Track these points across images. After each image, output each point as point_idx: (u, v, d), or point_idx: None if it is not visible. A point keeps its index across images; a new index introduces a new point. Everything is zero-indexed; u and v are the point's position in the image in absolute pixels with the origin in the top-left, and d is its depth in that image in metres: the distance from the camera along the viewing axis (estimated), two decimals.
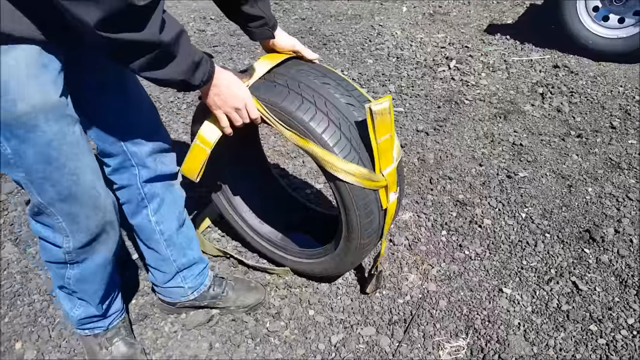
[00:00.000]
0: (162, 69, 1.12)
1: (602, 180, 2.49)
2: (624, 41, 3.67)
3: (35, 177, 1.16)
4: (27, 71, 1.06)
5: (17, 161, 1.13)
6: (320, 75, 1.52)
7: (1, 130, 1.08)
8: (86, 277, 1.42)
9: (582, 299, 1.85)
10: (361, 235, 1.55)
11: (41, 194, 1.20)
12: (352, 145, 1.44)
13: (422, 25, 4.48)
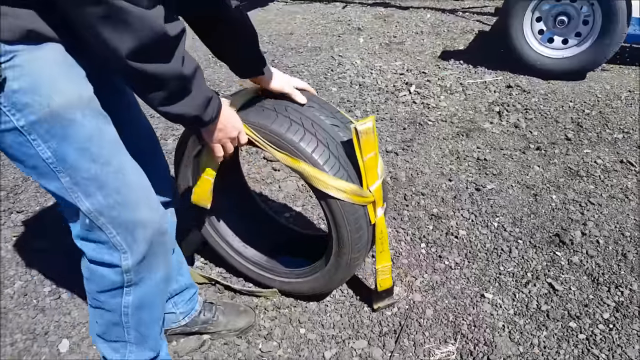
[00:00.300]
0: (178, 103, 1.12)
1: (564, 187, 2.63)
2: (569, 60, 3.92)
3: (81, 179, 1.09)
4: (58, 67, 1.04)
5: (58, 165, 1.06)
6: (307, 99, 1.59)
7: (38, 132, 1.03)
8: (145, 302, 1.32)
9: (559, 298, 1.94)
10: (352, 250, 1.59)
11: (89, 198, 1.11)
12: (341, 163, 1.50)
13: (379, 54, 4.65)
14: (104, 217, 1.14)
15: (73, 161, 1.07)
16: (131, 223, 1.17)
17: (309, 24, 5.70)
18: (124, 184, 1.15)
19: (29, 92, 0.99)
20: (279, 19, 5.92)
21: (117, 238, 1.17)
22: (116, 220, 1.15)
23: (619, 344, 1.73)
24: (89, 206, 1.12)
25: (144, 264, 1.23)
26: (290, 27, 5.62)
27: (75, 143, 1.06)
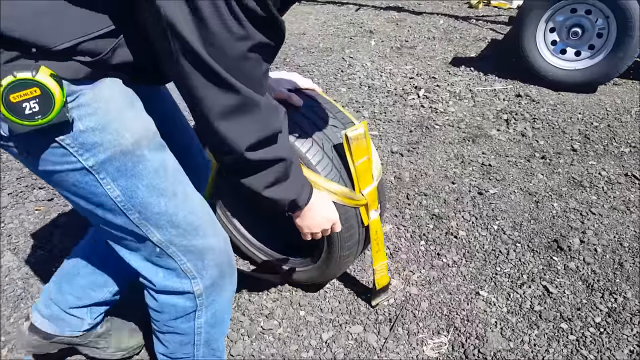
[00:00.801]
0: (281, 186, 1.13)
1: (567, 196, 2.66)
2: (581, 72, 3.94)
3: (151, 214, 1.07)
4: (124, 103, 1.01)
5: (127, 202, 1.04)
6: (308, 99, 1.61)
7: (108, 170, 1.00)
8: (217, 319, 1.30)
9: (552, 300, 1.97)
10: (341, 248, 1.63)
11: (160, 230, 1.09)
12: (334, 165, 1.52)
13: (390, 57, 4.70)
14: (175, 245, 1.12)
15: (143, 198, 1.05)
16: (201, 249, 1.15)
17: (322, 25, 5.76)
18: (191, 212, 1.13)
19: (98, 131, 0.97)
20: (291, 19, 5.98)
21: (187, 265, 1.16)
22: (186, 247, 1.13)
23: (609, 347, 1.77)
24: (159, 237, 1.10)
25: (214, 286, 1.22)
26: (303, 27, 5.68)
27: (144, 179, 1.04)
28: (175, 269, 1.15)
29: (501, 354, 1.73)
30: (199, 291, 1.19)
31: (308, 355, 1.71)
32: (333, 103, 1.68)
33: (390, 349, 1.74)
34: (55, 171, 1.01)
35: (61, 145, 0.96)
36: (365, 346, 1.75)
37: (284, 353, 1.72)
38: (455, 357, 1.72)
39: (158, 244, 1.11)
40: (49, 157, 0.98)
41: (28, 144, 0.98)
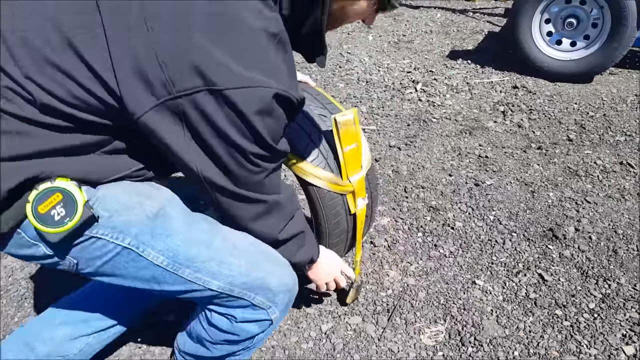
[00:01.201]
0: (301, 251, 1.35)
1: (562, 186, 2.70)
2: (577, 63, 3.97)
3: (200, 264, 1.11)
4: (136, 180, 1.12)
5: (173, 263, 1.09)
6: (300, 90, 1.65)
7: (144, 240, 1.06)
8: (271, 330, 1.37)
9: (547, 288, 2.02)
10: (329, 235, 1.66)
11: (216, 277, 1.13)
12: (321, 152, 1.54)
13: (387, 52, 4.74)
14: (237, 287, 1.16)
15: (185, 252, 1.09)
16: (263, 280, 1.18)
17: None
18: (235, 249, 1.16)
19: (123, 210, 1.04)
20: None
21: (258, 298, 1.19)
22: (249, 284, 1.17)
23: (602, 332, 1.81)
24: (219, 284, 1.14)
25: (287, 305, 1.29)
26: None
27: (179, 235, 1.09)
28: (248, 305, 1.19)
29: (497, 341, 1.77)
30: (276, 317, 1.25)
31: (308, 347, 1.76)
32: (324, 94, 1.71)
33: (388, 338, 1.79)
34: (104, 263, 1.07)
35: (97, 237, 1.03)
36: (364, 336, 1.80)
37: (285, 345, 1.77)
38: (452, 344, 1.77)
39: (220, 290, 1.15)
40: (93, 253, 1.05)
41: (69, 251, 1.04)
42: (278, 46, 0.96)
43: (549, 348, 1.76)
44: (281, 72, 0.96)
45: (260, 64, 0.92)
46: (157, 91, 0.88)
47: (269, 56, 0.94)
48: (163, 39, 0.86)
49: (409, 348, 1.75)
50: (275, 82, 0.93)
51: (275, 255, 1.26)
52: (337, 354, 1.73)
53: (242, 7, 0.91)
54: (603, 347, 1.76)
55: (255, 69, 0.91)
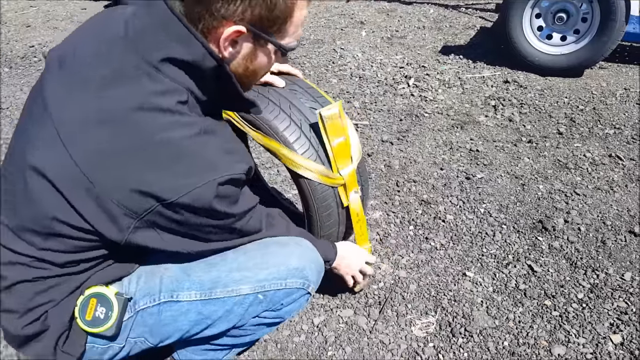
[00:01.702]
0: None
1: (552, 178, 2.73)
2: (567, 57, 3.99)
3: (225, 278, 1.24)
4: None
5: (205, 290, 1.23)
6: (290, 83, 1.66)
7: (174, 289, 1.21)
8: None
9: (537, 279, 2.05)
10: (321, 228, 1.68)
11: (244, 282, 1.25)
12: (312, 144, 1.56)
13: (380, 48, 4.75)
14: (266, 281, 1.27)
15: (208, 278, 1.23)
16: (285, 265, 1.30)
17: (313, 17, 5.81)
18: (247, 253, 1.28)
19: (148, 280, 1.23)
20: None
21: (290, 281, 1.31)
22: (274, 273, 1.28)
23: (590, 321, 1.84)
24: (249, 286, 1.26)
25: (320, 274, 1.45)
26: None
27: (196, 268, 1.25)
28: (286, 291, 1.31)
29: (487, 331, 1.80)
30: (313, 289, 1.39)
31: (300, 340, 1.79)
32: (315, 87, 1.72)
33: (380, 330, 1.81)
34: (158, 325, 1.23)
35: (140, 309, 1.21)
36: (356, 328, 1.82)
37: (277, 339, 1.79)
38: (443, 335, 1.80)
39: (253, 291, 1.26)
40: (147, 323, 1.22)
41: (132, 333, 1.22)
42: (205, 139, 1.03)
43: (538, 338, 1.79)
44: (217, 161, 1.04)
45: (195, 168, 1.00)
46: (126, 221, 1.00)
47: (200, 155, 1.02)
48: (108, 184, 0.97)
49: (400, 340, 1.78)
50: (214, 174, 1.01)
51: (286, 240, 1.36)
52: (328, 346, 1.76)
53: (159, 130, 0.98)
54: (591, 336, 1.79)
55: (193, 174, 1.00)
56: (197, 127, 1.02)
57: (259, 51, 1.09)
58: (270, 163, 2.87)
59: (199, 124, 1.03)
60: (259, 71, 1.16)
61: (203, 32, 1.01)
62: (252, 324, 1.33)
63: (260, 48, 1.08)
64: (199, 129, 1.02)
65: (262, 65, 1.13)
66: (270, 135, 1.54)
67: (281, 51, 1.12)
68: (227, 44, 1.03)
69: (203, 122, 1.05)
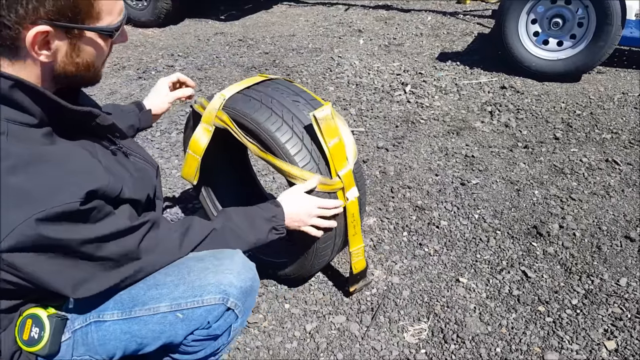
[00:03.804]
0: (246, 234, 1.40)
1: (548, 184, 2.73)
2: (564, 62, 4.00)
3: (143, 296, 1.20)
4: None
5: (126, 309, 1.21)
6: (293, 94, 1.68)
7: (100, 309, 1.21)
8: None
9: (531, 285, 2.04)
10: (325, 236, 1.67)
11: (161, 299, 1.21)
12: (312, 156, 1.57)
13: (378, 55, 4.77)
14: (182, 298, 1.22)
15: (128, 297, 1.21)
16: (200, 280, 1.23)
17: (311, 26, 5.83)
18: (167, 273, 1.24)
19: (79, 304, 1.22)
20: (282, 21, 6.06)
21: (206, 297, 1.23)
22: (189, 290, 1.22)
23: (584, 327, 1.83)
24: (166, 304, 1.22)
25: (247, 290, 1.30)
26: (293, 29, 5.76)
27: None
28: (204, 307, 1.23)
29: (479, 338, 1.79)
30: (234, 303, 1.26)
31: (292, 346, 1.78)
32: (307, 91, 1.73)
33: (372, 336, 1.81)
34: (96, 343, 1.22)
35: (75, 330, 1.21)
36: (348, 335, 1.82)
37: (269, 345, 1.79)
38: (435, 342, 1.79)
39: (170, 309, 1.21)
40: (88, 342, 1.22)
41: (74, 353, 1.22)
42: (28, 170, 0.96)
43: (532, 344, 1.78)
44: (36, 193, 0.95)
45: (8, 204, 0.93)
46: None
47: (13, 188, 0.94)
48: None
49: (392, 346, 1.77)
50: (31, 209, 0.93)
51: (203, 255, 1.29)
52: (320, 353, 1.75)
53: None
54: (585, 343, 1.78)
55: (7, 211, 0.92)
56: (8, 162, 0.94)
57: (79, 43, 1.03)
58: (266, 170, 2.87)
59: (12, 155, 0.94)
60: (94, 61, 1.09)
61: (7, 45, 0.95)
62: (193, 341, 1.29)
63: (78, 40, 1.03)
64: (11, 164, 0.94)
65: (93, 54, 1.08)
66: (271, 147, 1.55)
67: (105, 34, 1.06)
68: (37, 49, 0.97)
69: (22, 151, 0.96)
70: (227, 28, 5.88)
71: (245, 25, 5.97)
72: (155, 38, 5.58)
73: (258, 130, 1.55)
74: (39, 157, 0.98)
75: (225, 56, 4.88)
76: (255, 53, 4.96)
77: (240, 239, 1.38)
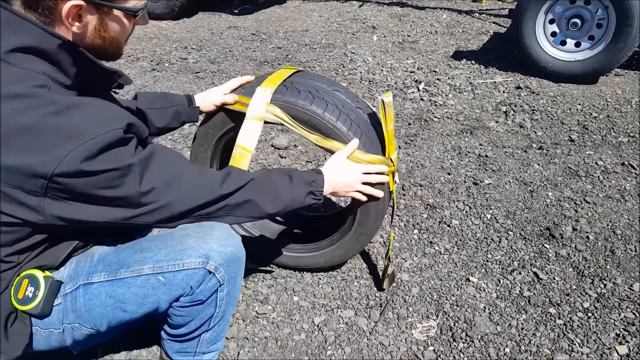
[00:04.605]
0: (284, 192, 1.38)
1: (562, 186, 2.69)
2: (581, 63, 3.95)
3: (129, 259, 1.26)
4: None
5: (112, 271, 1.25)
6: (330, 84, 1.72)
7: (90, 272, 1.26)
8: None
9: (542, 286, 2.01)
10: (376, 219, 1.73)
11: (145, 262, 1.26)
12: (368, 139, 1.62)
13: (392, 52, 4.74)
14: (164, 261, 1.25)
15: (116, 259, 1.28)
16: (182, 245, 1.26)
17: (325, 21, 5.82)
18: (154, 239, 1.31)
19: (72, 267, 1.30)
20: (295, 16, 6.05)
21: (187, 260, 1.25)
22: (171, 254, 1.26)
23: (595, 331, 1.80)
24: (149, 266, 1.25)
25: (228, 255, 1.30)
26: (306, 24, 5.74)
27: (108, 252, 1.31)
28: (185, 271, 1.25)
29: (488, 337, 1.77)
30: (214, 266, 1.27)
31: (300, 338, 1.77)
32: (350, 90, 1.79)
33: (380, 332, 1.79)
34: (85, 308, 1.26)
35: (66, 293, 1.25)
36: (356, 329, 1.80)
37: (277, 336, 1.78)
38: (443, 340, 1.77)
39: (152, 271, 1.24)
40: (77, 308, 1.25)
41: (66, 318, 1.26)
42: (69, 113, 1.04)
43: (541, 346, 1.75)
44: (80, 129, 1.04)
45: (58, 140, 1.01)
46: (34, 200, 1.05)
47: (62, 128, 1.03)
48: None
49: (400, 342, 1.76)
50: (76, 142, 1.02)
51: (190, 225, 1.31)
52: (328, 346, 1.74)
53: (17, 114, 1.01)
54: (596, 346, 1.75)
55: (56, 147, 1.01)
56: (58, 105, 1.03)
57: (107, 19, 1.15)
58: (277, 164, 2.86)
59: (60, 101, 1.04)
60: (119, 37, 1.20)
61: (45, 15, 1.07)
62: (179, 307, 1.31)
63: (106, 16, 1.14)
64: (61, 106, 1.03)
65: (118, 31, 1.19)
66: (334, 136, 1.57)
67: (130, 14, 1.18)
68: (71, 20, 1.09)
69: (66, 99, 1.07)
70: (240, 22, 5.88)
71: (258, 20, 5.96)
72: (169, 31, 5.59)
73: (317, 121, 1.57)
74: (78, 103, 1.08)
75: (238, 50, 4.87)
76: (268, 47, 4.94)
77: (277, 194, 1.36)
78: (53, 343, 1.28)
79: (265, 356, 1.72)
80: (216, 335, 1.46)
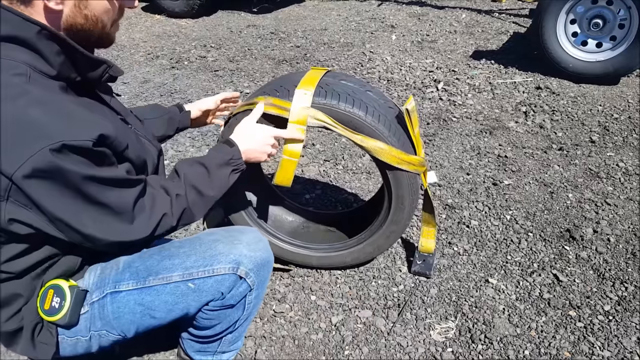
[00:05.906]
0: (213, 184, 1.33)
1: (582, 187, 2.66)
2: (602, 64, 3.89)
3: (157, 266, 1.25)
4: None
5: (140, 279, 1.25)
6: (361, 84, 1.74)
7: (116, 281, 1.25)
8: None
9: (562, 289, 1.99)
10: (408, 217, 1.78)
11: (174, 269, 1.25)
12: (402, 140, 1.67)
13: (410, 51, 4.72)
14: (194, 268, 1.25)
15: (143, 267, 1.26)
16: (211, 250, 1.27)
17: (343, 20, 5.81)
18: (182, 246, 1.30)
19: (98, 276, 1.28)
20: (314, 15, 6.05)
21: (218, 266, 1.26)
22: (201, 260, 1.26)
23: (616, 334, 1.79)
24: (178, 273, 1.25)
25: (257, 259, 1.31)
26: (325, 23, 5.74)
27: (134, 261, 1.28)
28: (216, 277, 1.26)
29: (507, 339, 1.76)
30: (245, 272, 1.28)
31: (317, 338, 1.78)
32: (380, 90, 1.85)
33: (398, 332, 1.79)
34: (112, 316, 1.26)
35: (93, 302, 1.24)
36: (374, 330, 1.81)
37: (294, 335, 1.79)
38: (462, 341, 1.76)
39: (182, 278, 1.24)
40: (105, 316, 1.25)
41: (93, 326, 1.26)
42: (41, 107, 0.99)
43: (561, 349, 1.74)
44: (50, 128, 0.98)
45: (25, 137, 0.96)
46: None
47: (31, 123, 0.97)
48: None
49: (418, 343, 1.75)
50: (46, 141, 0.96)
51: (218, 230, 1.33)
52: (345, 346, 1.74)
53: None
54: (617, 350, 1.73)
55: (23, 144, 0.96)
56: (28, 98, 0.98)
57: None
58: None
59: (33, 93, 0.99)
60: (102, 17, 1.12)
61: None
62: (208, 311, 1.31)
63: None
64: (31, 99, 0.98)
65: (101, 9, 1.11)
66: (377, 137, 1.60)
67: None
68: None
69: (41, 92, 1.01)
70: (259, 21, 5.90)
71: (277, 19, 5.98)
72: (188, 29, 5.63)
73: (358, 122, 1.59)
74: (55, 100, 1.03)
75: (257, 48, 4.89)
76: (287, 46, 4.96)
77: (204, 198, 1.30)
78: (79, 350, 1.28)
79: (283, 355, 1.73)
80: (238, 336, 1.47)
